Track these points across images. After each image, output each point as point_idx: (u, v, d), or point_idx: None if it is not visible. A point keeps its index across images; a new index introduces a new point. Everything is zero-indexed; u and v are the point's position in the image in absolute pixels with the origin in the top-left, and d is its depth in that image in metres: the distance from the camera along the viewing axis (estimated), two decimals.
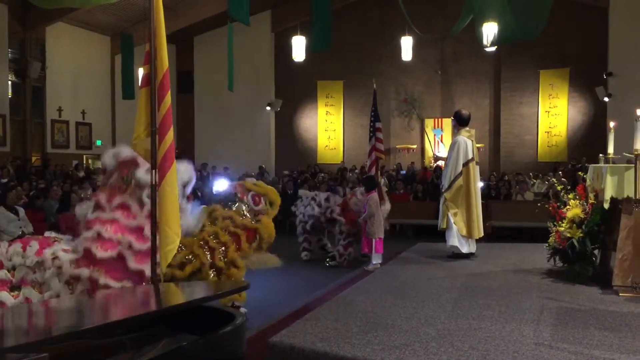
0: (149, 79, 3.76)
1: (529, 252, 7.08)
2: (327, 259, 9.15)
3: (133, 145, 3.87)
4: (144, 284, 3.73)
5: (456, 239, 7.09)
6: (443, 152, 17.61)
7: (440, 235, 8.36)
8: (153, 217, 3.70)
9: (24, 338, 1.87)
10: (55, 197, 10.09)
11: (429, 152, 18.91)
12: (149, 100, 3.76)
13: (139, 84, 3.84)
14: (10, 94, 15.28)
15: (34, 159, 15.85)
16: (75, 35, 16.70)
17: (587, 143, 16.61)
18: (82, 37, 16.94)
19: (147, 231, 3.77)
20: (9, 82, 15.24)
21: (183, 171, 4.05)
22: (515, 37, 13.31)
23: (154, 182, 3.69)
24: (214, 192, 10.63)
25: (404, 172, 16.68)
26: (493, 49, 14.93)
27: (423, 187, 12.99)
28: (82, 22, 16.50)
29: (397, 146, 19.08)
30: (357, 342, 3.75)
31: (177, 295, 3.02)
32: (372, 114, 8.86)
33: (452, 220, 7.09)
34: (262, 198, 5.76)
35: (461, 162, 7.15)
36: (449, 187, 7.11)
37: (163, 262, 3.67)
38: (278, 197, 5.92)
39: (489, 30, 13.19)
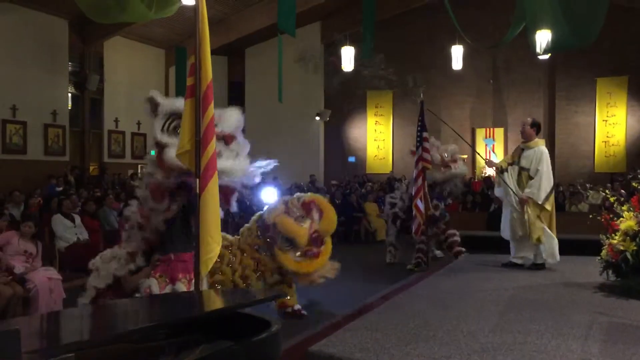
0: (194, 90, 3.85)
1: (582, 265, 6.86)
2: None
3: (177, 155, 3.95)
4: None
5: (548, 254, 6.92)
6: (495, 157, 17.16)
7: (489, 246, 8.23)
8: (196, 226, 3.78)
9: (56, 341, 1.94)
10: (111, 205, 10.36)
11: (480, 162, 18.56)
12: (193, 111, 3.85)
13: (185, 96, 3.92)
14: (70, 105, 15.89)
15: (91, 168, 16.42)
16: (132, 48, 17.24)
17: None
18: (138, 51, 17.47)
19: None
20: (69, 95, 15.86)
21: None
22: (569, 45, 13.00)
23: (196, 191, 3.77)
24: (262, 202, 10.64)
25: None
26: (546, 56, 14.62)
27: (473, 198, 12.79)
28: (138, 35, 17.01)
29: None
30: (396, 353, 3.72)
31: (212, 302, 3.07)
32: (419, 123, 8.77)
33: (546, 232, 6.93)
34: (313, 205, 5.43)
35: (551, 173, 7.05)
36: (547, 198, 6.95)
37: (203, 269, 3.73)
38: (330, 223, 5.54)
39: (542, 38, 12.93)
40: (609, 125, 17.13)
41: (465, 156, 18.96)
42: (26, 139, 14.43)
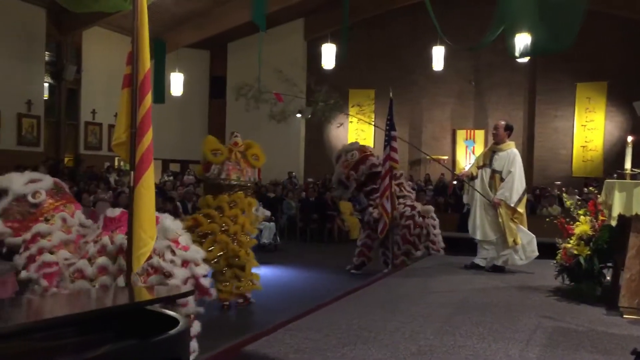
0: (131, 80, 3.75)
1: (541, 268, 6.79)
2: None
3: (113, 146, 3.85)
4: None
5: (519, 257, 6.88)
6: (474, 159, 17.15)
7: (461, 247, 8.23)
8: (129, 218, 3.68)
9: None
10: (87, 204, 10.05)
11: (460, 164, 18.56)
12: (129, 101, 3.75)
13: (121, 85, 3.81)
14: (46, 95, 15.69)
15: (66, 159, 16.23)
16: (111, 39, 17.03)
17: (624, 159, 16.06)
18: (117, 42, 17.23)
19: None
20: (45, 84, 15.66)
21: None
22: (546, 50, 12.97)
23: (130, 184, 3.67)
24: None
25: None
26: (525, 60, 14.62)
27: (445, 199, 12.76)
28: (118, 26, 16.81)
29: (427, 157, 18.78)
30: (331, 355, 3.64)
31: (121, 298, 2.98)
32: (388, 122, 8.69)
33: (521, 231, 6.89)
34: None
35: (523, 175, 7.00)
36: (519, 201, 6.90)
37: (135, 264, 3.63)
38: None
39: (521, 42, 12.90)
40: (588, 130, 17.21)
41: (446, 157, 19.00)
42: None
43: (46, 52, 15.53)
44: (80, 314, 2.41)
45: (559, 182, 15.89)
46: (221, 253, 6.28)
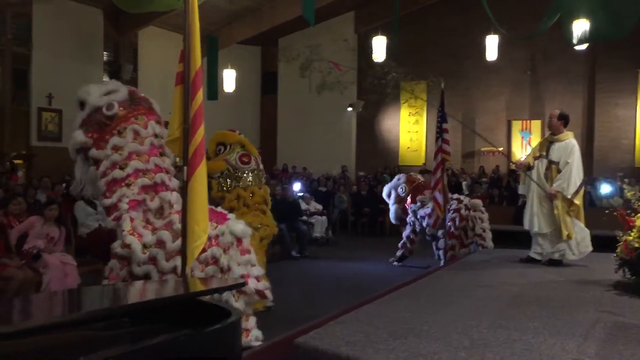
0: (183, 77, 3.84)
1: (601, 262, 6.60)
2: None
3: (167, 142, 3.96)
4: None
5: (571, 252, 6.73)
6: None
7: (516, 241, 8.08)
8: (183, 213, 3.77)
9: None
10: None
11: (515, 156, 18.14)
12: (182, 98, 3.84)
13: (174, 82, 3.92)
14: None
15: None
16: (165, 38, 17.40)
17: None
18: (171, 40, 17.58)
19: None
20: None
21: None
22: (604, 36, 12.50)
23: (184, 179, 3.77)
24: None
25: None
26: (583, 47, 14.14)
27: (500, 192, 12.53)
28: (172, 25, 17.14)
29: (482, 149, 18.47)
30: (383, 348, 3.63)
31: (170, 290, 3.06)
32: (439, 114, 8.58)
33: (576, 225, 6.73)
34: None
35: (581, 166, 6.81)
36: (577, 192, 6.72)
37: (189, 258, 3.73)
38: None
39: (579, 28, 12.49)
40: None
41: (501, 148, 18.59)
42: (61, 126, 14.79)
43: (104, 52, 16.02)
44: (133, 305, 2.49)
45: (621, 173, 15.36)
46: None
